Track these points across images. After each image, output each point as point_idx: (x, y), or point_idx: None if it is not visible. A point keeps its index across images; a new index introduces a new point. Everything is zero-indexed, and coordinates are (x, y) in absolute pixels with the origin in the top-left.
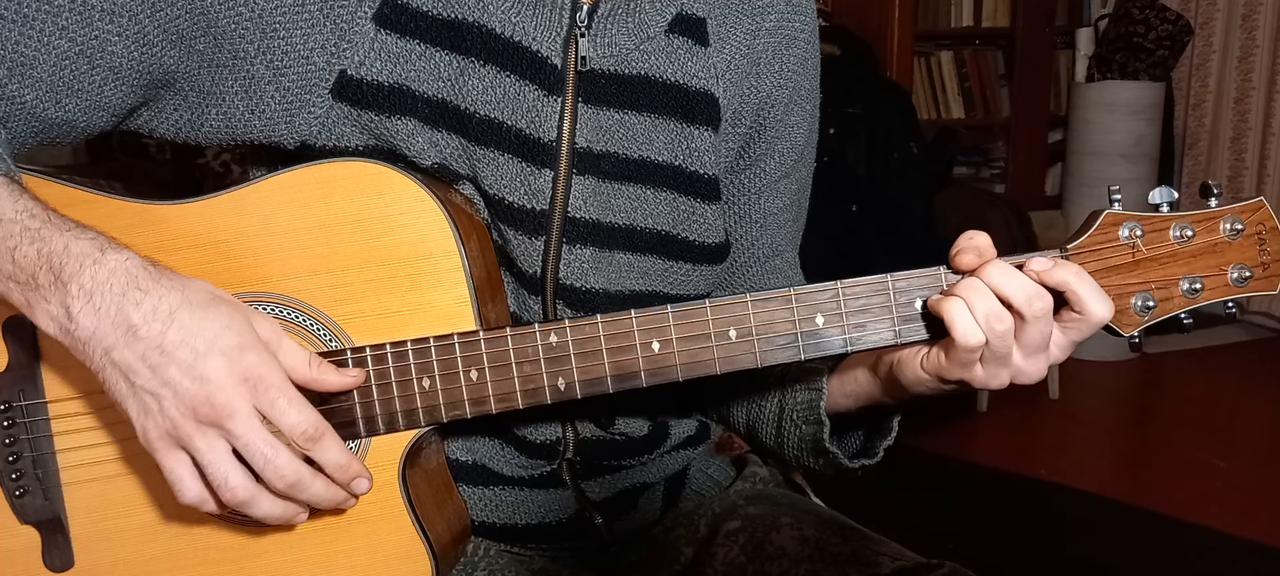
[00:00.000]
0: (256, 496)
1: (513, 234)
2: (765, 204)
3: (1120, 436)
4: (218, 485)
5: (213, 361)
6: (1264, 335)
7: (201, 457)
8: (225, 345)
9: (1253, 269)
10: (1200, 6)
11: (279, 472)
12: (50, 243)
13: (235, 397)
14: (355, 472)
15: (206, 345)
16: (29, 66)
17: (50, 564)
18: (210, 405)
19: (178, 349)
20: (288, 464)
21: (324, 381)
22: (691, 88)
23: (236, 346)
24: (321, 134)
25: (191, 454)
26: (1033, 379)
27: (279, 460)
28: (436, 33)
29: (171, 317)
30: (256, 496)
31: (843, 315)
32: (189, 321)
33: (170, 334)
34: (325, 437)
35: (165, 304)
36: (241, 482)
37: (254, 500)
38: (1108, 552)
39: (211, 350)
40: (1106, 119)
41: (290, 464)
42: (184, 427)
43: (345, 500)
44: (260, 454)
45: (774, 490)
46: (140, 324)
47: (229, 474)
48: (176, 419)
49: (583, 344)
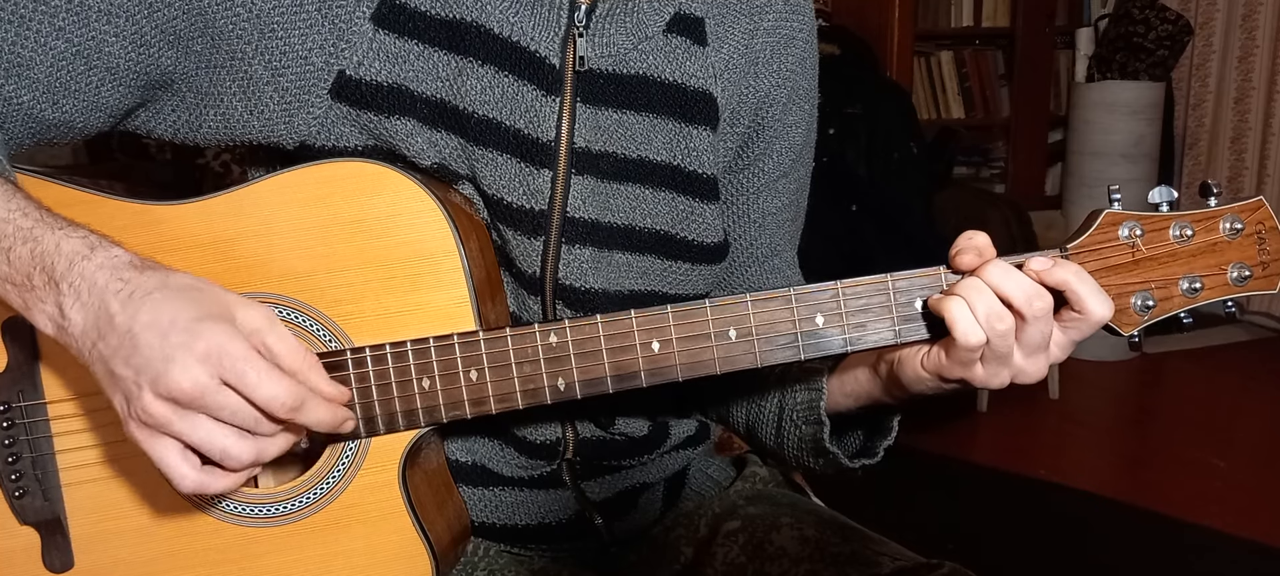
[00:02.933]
0: (261, 447)
1: (512, 234)
2: (764, 203)
3: (1120, 436)
4: (220, 458)
5: (174, 339)
6: (1264, 335)
7: (189, 438)
8: (184, 321)
9: (1252, 268)
10: (1200, 6)
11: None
12: (42, 242)
13: (202, 374)
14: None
15: (169, 324)
16: (26, 67)
17: (50, 564)
18: (180, 387)
19: (145, 332)
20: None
21: (310, 381)
22: (689, 87)
23: (195, 319)
24: (320, 134)
25: (177, 438)
26: (1033, 378)
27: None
28: (435, 33)
29: (144, 301)
30: (261, 447)
31: (843, 315)
32: (160, 303)
33: (140, 317)
34: (305, 404)
35: (141, 288)
36: (242, 446)
37: (261, 452)
38: (1108, 552)
39: (173, 329)
40: (1106, 119)
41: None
42: (159, 412)
43: (346, 420)
44: (250, 415)
45: (774, 490)
46: (117, 313)
47: (226, 444)
48: (150, 405)
49: (582, 344)
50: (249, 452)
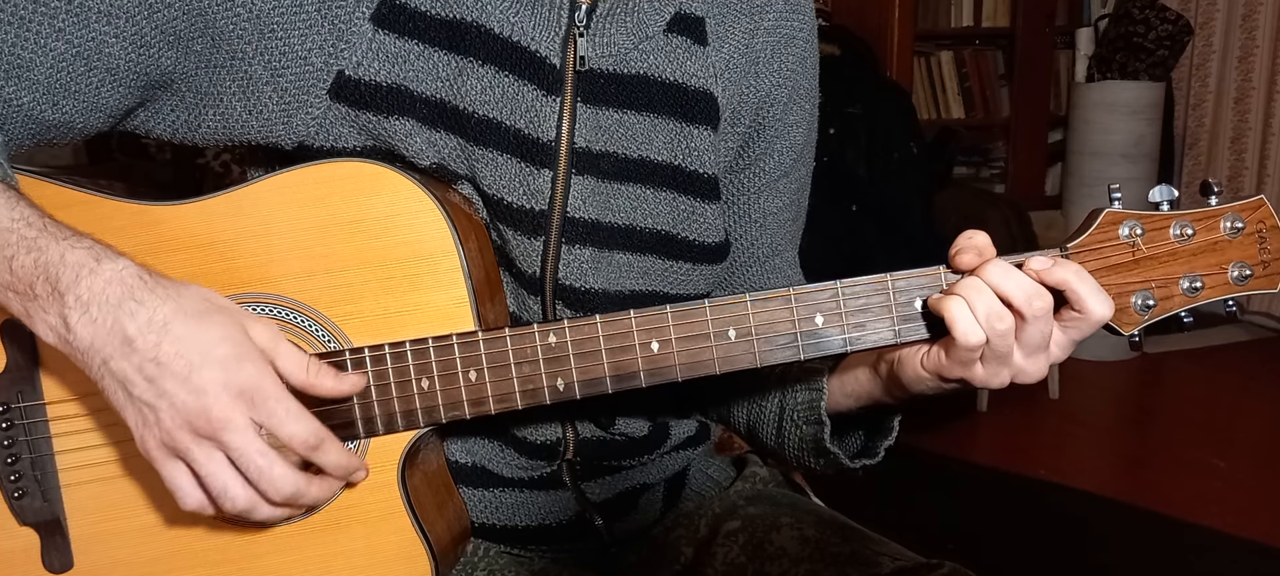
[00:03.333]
0: (256, 504)
1: (512, 234)
2: (764, 203)
3: (1120, 436)
4: (217, 494)
5: (208, 373)
6: (1264, 335)
7: (200, 469)
8: (220, 356)
9: (1253, 267)
10: (1200, 6)
11: (274, 485)
12: (46, 252)
13: (231, 410)
14: (354, 468)
15: (201, 357)
16: (26, 68)
17: (49, 565)
18: (206, 418)
19: (173, 361)
20: (283, 475)
21: (321, 387)
22: (690, 87)
23: (232, 357)
24: (319, 134)
25: (189, 464)
26: (1033, 378)
27: (274, 472)
28: (435, 33)
29: (166, 329)
30: (256, 504)
31: (842, 315)
32: (184, 332)
33: (165, 345)
34: (325, 444)
35: (160, 314)
36: (241, 492)
37: (254, 508)
38: (1108, 552)
39: (206, 362)
40: (1106, 119)
41: (285, 475)
42: (181, 439)
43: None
44: (255, 466)
45: (774, 490)
46: (136, 335)
47: (228, 484)
48: (172, 430)
49: (582, 344)
50: (244, 501)
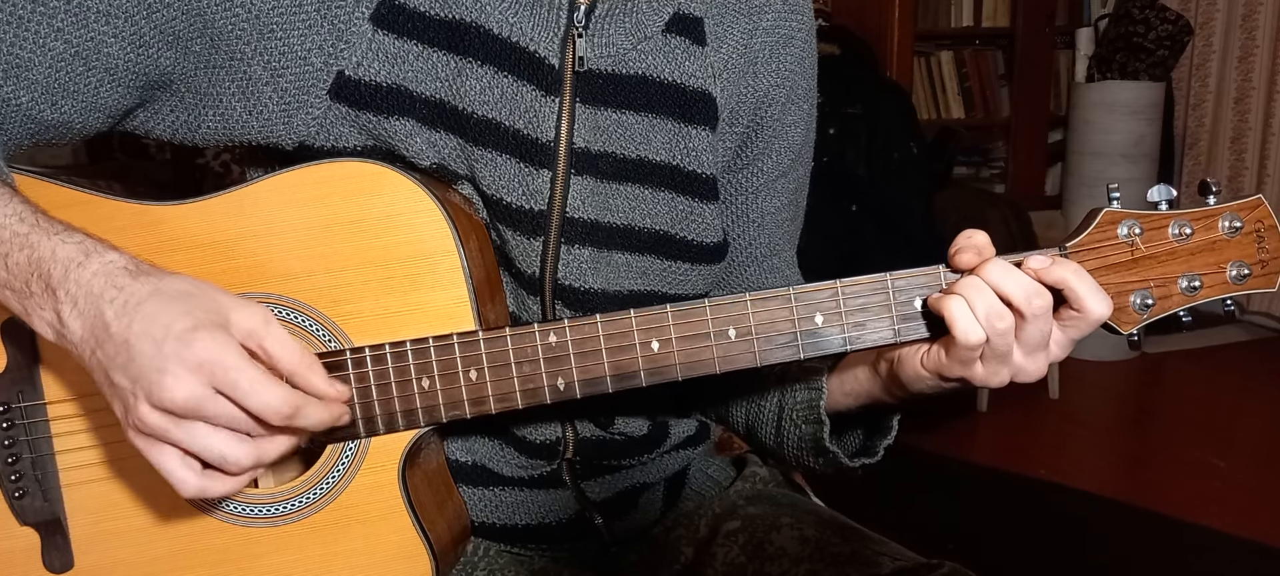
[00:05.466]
0: (261, 450)
1: (511, 234)
2: (763, 203)
3: (1120, 436)
4: (219, 463)
5: (167, 349)
6: (1264, 335)
7: (189, 447)
8: (179, 331)
9: (1251, 266)
10: (1200, 6)
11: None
12: (39, 248)
13: (193, 385)
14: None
15: (163, 332)
16: (24, 68)
17: (50, 565)
18: (171, 398)
19: (140, 341)
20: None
21: (309, 382)
22: (689, 87)
23: (188, 329)
24: (319, 134)
25: (174, 444)
26: (1033, 377)
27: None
28: (434, 33)
29: (138, 309)
30: (261, 450)
31: (842, 314)
32: (152, 311)
33: (134, 326)
34: (302, 410)
35: (135, 296)
36: (241, 451)
37: (261, 454)
38: (1108, 552)
39: (167, 337)
40: (1106, 119)
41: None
42: (157, 422)
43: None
44: (246, 420)
45: (774, 490)
46: (112, 321)
47: (225, 450)
48: (146, 414)
49: (582, 344)
50: (248, 456)
